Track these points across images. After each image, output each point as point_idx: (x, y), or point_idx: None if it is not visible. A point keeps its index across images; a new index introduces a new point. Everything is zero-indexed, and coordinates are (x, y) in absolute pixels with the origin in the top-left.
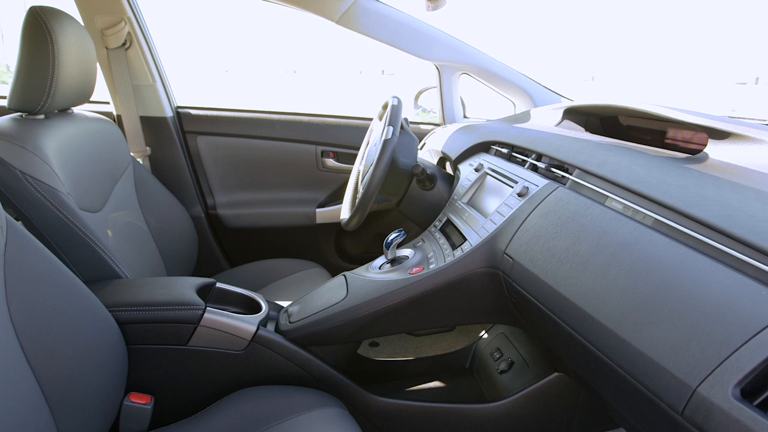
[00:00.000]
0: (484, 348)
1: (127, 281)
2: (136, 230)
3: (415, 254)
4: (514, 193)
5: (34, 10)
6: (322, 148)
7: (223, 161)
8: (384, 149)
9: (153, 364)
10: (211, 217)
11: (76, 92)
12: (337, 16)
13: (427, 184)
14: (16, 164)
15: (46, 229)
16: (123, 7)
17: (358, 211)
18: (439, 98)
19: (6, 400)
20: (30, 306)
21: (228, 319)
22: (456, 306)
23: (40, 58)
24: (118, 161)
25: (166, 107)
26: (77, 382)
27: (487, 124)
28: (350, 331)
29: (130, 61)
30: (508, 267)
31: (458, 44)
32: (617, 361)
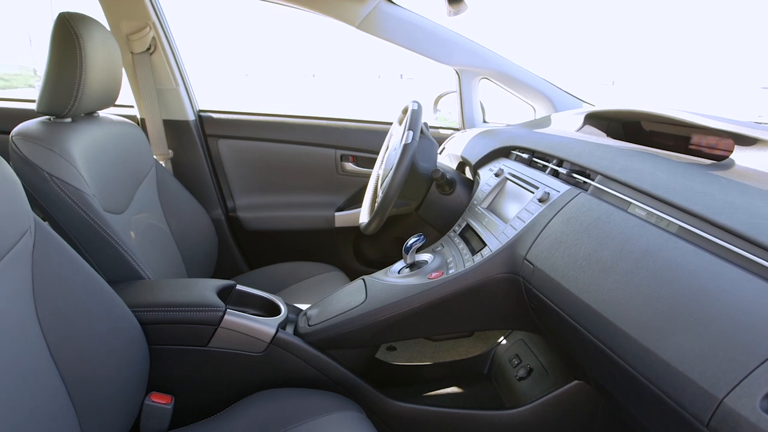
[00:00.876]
0: (503, 354)
1: (149, 282)
2: (158, 232)
3: (435, 259)
4: (535, 199)
5: (63, 16)
6: (341, 152)
7: (244, 164)
8: (404, 153)
9: (174, 365)
10: (231, 220)
11: (102, 96)
12: (358, 21)
13: (447, 189)
14: (44, 166)
15: (72, 230)
16: (148, 12)
17: (377, 215)
18: (458, 103)
19: (32, 398)
20: (57, 305)
21: (247, 321)
22: (475, 311)
23: (68, 63)
24: (142, 164)
25: (189, 111)
26: (101, 381)
27: (507, 129)
28: (369, 335)
29: (154, 66)
30: (528, 273)
31: (478, 48)
32: (640, 370)
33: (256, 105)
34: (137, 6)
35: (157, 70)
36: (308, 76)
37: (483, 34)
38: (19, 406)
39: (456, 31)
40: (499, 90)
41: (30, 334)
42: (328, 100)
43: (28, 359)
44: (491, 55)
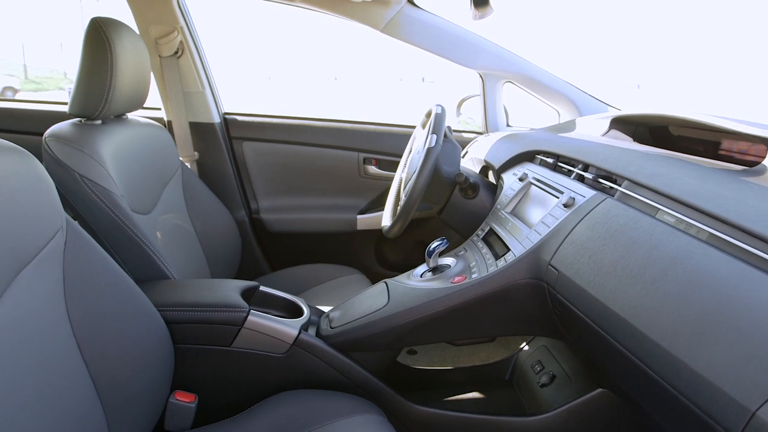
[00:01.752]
0: (525, 360)
1: (174, 282)
2: (183, 232)
3: (457, 263)
4: (560, 204)
5: (96, 21)
6: (364, 155)
7: (268, 166)
8: (427, 157)
9: (198, 364)
10: (255, 221)
11: (131, 99)
12: (382, 25)
13: (470, 193)
14: (75, 167)
15: (101, 230)
16: (176, 17)
17: (400, 218)
18: (482, 106)
19: (62, 394)
20: (86, 303)
21: (271, 322)
22: (498, 317)
23: (100, 67)
24: (168, 165)
25: (214, 113)
26: (128, 378)
27: (531, 133)
28: (391, 338)
29: (181, 69)
30: (552, 279)
31: (502, 52)
32: (669, 380)
33: (279, 108)
34: (166, 11)
35: (184, 74)
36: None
37: (506, 36)
38: (49, 402)
39: (480, 34)
40: (522, 94)
41: (60, 330)
42: (350, 103)
43: (59, 356)
44: (515, 58)
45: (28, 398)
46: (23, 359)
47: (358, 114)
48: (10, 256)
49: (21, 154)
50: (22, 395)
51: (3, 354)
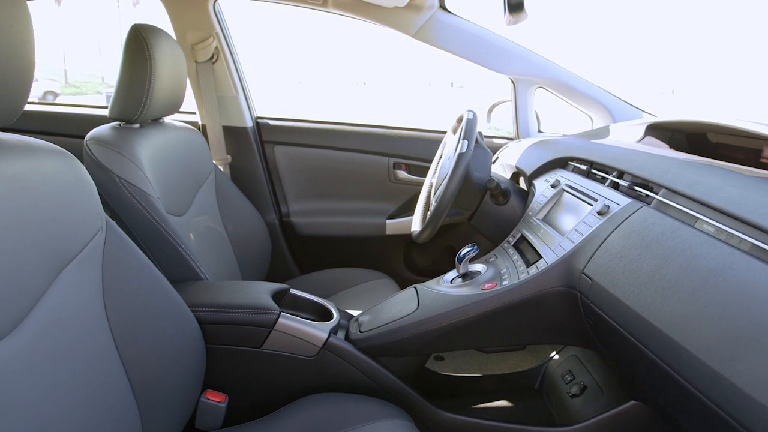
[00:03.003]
0: (555, 369)
1: (207, 283)
2: (215, 234)
3: (488, 270)
4: (594, 212)
5: (136, 27)
6: (394, 160)
7: (298, 170)
8: (458, 163)
9: (229, 364)
10: (285, 225)
11: (168, 103)
12: (414, 30)
13: (501, 199)
14: (114, 169)
15: (137, 231)
16: (212, 23)
17: (430, 223)
18: (513, 112)
19: (98, 390)
20: (123, 302)
21: (301, 325)
22: (528, 325)
23: (139, 72)
24: (202, 168)
25: (247, 118)
26: (162, 376)
27: (563, 139)
28: (420, 343)
29: (216, 74)
30: (586, 287)
31: (534, 57)
32: (707, 394)
33: (308, 111)
34: (202, 17)
35: (219, 79)
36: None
37: (538, 41)
38: (87, 399)
39: (512, 39)
40: (554, 99)
41: (99, 328)
42: (378, 108)
43: (97, 353)
44: (548, 63)
45: (67, 395)
46: (63, 356)
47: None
48: (53, 255)
49: (65, 156)
50: (61, 392)
51: (43, 351)
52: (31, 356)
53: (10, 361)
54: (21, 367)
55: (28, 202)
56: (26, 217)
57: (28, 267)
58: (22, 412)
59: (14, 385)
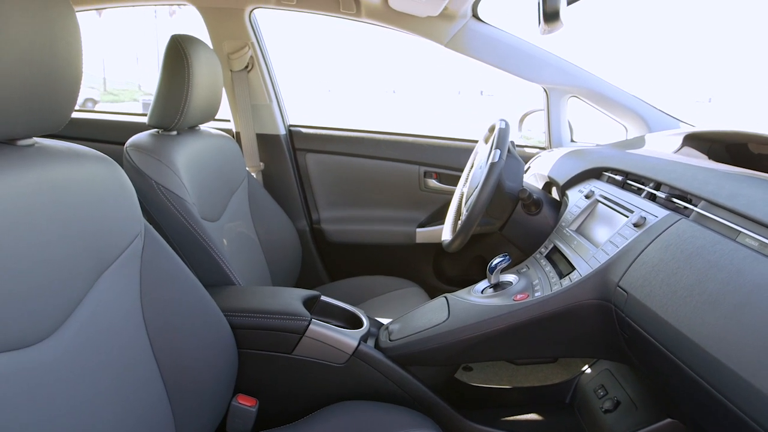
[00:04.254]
0: (587, 383)
1: (240, 288)
2: (248, 240)
3: (520, 280)
4: (630, 223)
5: (175, 38)
6: (425, 169)
7: (330, 178)
8: (490, 172)
9: (260, 369)
10: (315, 232)
11: (204, 111)
12: (447, 40)
13: (533, 209)
14: (152, 175)
15: (173, 235)
16: (248, 33)
17: (461, 233)
18: (546, 121)
19: (133, 389)
20: (160, 305)
21: (331, 332)
22: (561, 337)
23: (177, 81)
24: (236, 175)
25: (280, 125)
26: (195, 379)
27: (597, 149)
28: (450, 353)
29: (250, 83)
30: (621, 301)
31: (568, 66)
32: (751, 414)
33: (338, 120)
34: (238, 27)
35: (253, 87)
36: (388, 91)
37: (572, 49)
38: (122, 399)
39: (545, 48)
40: (586, 108)
41: (136, 330)
42: (408, 116)
43: (133, 354)
44: (581, 72)
45: (103, 396)
46: (101, 357)
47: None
48: (94, 259)
49: (107, 162)
50: (98, 392)
51: (83, 352)
52: (71, 357)
53: (52, 361)
54: (61, 367)
55: (72, 206)
56: (70, 221)
57: (70, 270)
58: (61, 410)
59: (55, 384)
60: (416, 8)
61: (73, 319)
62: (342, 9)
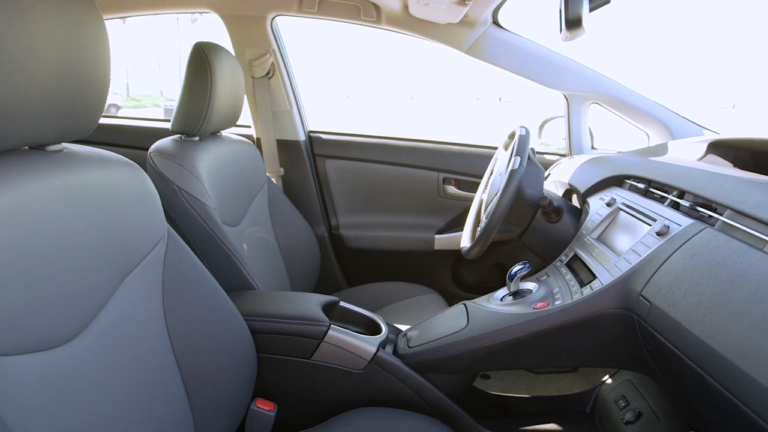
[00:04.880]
0: (608, 394)
1: (259, 293)
2: (267, 245)
3: (540, 288)
4: (652, 232)
5: (199, 45)
6: (444, 175)
7: (349, 184)
8: (510, 179)
9: (278, 374)
10: (334, 237)
11: (226, 117)
12: (467, 46)
13: (553, 217)
14: (175, 180)
15: (194, 240)
16: (269, 40)
17: (480, 240)
18: (566, 128)
19: (155, 393)
20: (181, 308)
21: (350, 337)
22: (581, 346)
23: (200, 88)
24: (256, 180)
25: (300, 132)
26: (215, 382)
27: (619, 157)
28: (469, 361)
29: (271, 89)
30: (644, 310)
31: (589, 73)
32: None
33: (356, 125)
34: (260, 35)
35: (274, 94)
36: (406, 98)
37: (592, 55)
38: (144, 400)
39: (566, 55)
40: (608, 115)
41: (157, 333)
42: (426, 122)
43: (155, 356)
44: (602, 79)
45: (126, 396)
46: (124, 359)
47: (434, 133)
48: (119, 262)
49: (132, 167)
50: (120, 394)
51: (107, 354)
52: (96, 359)
53: (77, 362)
54: (86, 368)
55: (98, 210)
56: (96, 224)
57: (96, 272)
58: (85, 410)
59: (79, 385)
60: (436, 15)
61: (97, 322)
62: (362, 16)
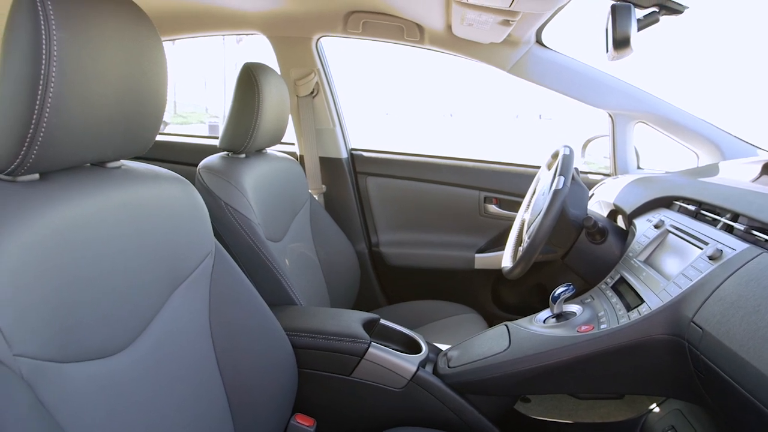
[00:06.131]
0: (655, 423)
1: (301, 308)
2: (308, 261)
3: (584, 311)
4: (704, 256)
5: (247, 66)
6: (485, 194)
7: (389, 201)
8: (554, 199)
9: (318, 390)
10: (374, 254)
11: (272, 135)
12: (509, 66)
13: (598, 238)
14: (222, 196)
15: (239, 254)
16: (314, 60)
17: (522, 260)
18: (611, 147)
19: (199, 404)
20: (226, 322)
21: (390, 356)
22: (628, 373)
23: (248, 107)
24: (299, 197)
25: (342, 149)
26: (256, 395)
27: (666, 177)
28: (510, 383)
29: (315, 108)
30: (695, 338)
31: (634, 91)
32: None
33: (395, 142)
34: (306, 55)
35: (318, 112)
36: (446, 115)
37: (640, 73)
38: (189, 410)
39: (611, 73)
40: (654, 134)
41: (204, 344)
42: (464, 139)
43: (200, 368)
44: (648, 97)
45: (171, 407)
46: (172, 371)
47: (473, 150)
48: (169, 275)
49: (184, 183)
50: (166, 404)
51: (155, 365)
52: (145, 370)
53: (127, 373)
54: (135, 379)
55: (152, 225)
56: (150, 238)
57: (147, 285)
58: (133, 419)
59: (128, 395)
60: (479, 35)
61: (148, 333)
62: (406, 36)
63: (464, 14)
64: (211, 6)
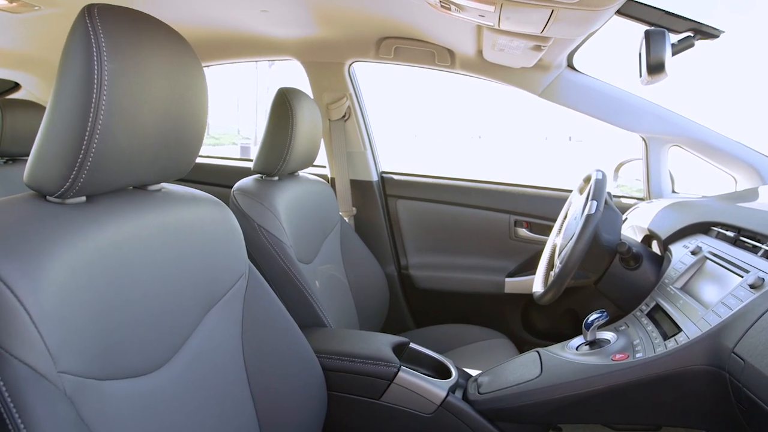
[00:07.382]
0: None
1: (331, 330)
2: (338, 283)
3: (619, 339)
4: (745, 284)
5: (282, 91)
6: (515, 218)
7: (419, 224)
8: (586, 224)
9: (347, 413)
10: (403, 277)
11: (304, 158)
12: (540, 90)
13: (632, 264)
14: (255, 218)
15: (271, 275)
16: (346, 85)
17: (554, 285)
18: (644, 171)
19: (232, 424)
20: (258, 342)
21: (420, 380)
22: (665, 403)
23: (282, 131)
24: (329, 219)
25: (373, 172)
26: (286, 417)
27: (703, 202)
28: (542, 412)
29: (347, 131)
30: (737, 369)
31: (668, 115)
32: None
33: (423, 164)
34: (338, 80)
35: (349, 135)
36: (474, 137)
37: (674, 96)
38: (220, 427)
39: (644, 96)
40: (689, 157)
41: (236, 364)
42: (493, 161)
43: (233, 386)
44: (683, 121)
45: (205, 424)
46: (205, 390)
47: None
48: (205, 295)
49: (220, 206)
50: (201, 420)
51: (190, 384)
52: (179, 388)
53: (164, 389)
54: (170, 397)
55: (190, 247)
56: (188, 261)
57: (183, 304)
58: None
59: (163, 414)
60: (511, 60)
61: (183, 352)
62: (437, 61)
63: (496, 40)
64: (248, 34)
